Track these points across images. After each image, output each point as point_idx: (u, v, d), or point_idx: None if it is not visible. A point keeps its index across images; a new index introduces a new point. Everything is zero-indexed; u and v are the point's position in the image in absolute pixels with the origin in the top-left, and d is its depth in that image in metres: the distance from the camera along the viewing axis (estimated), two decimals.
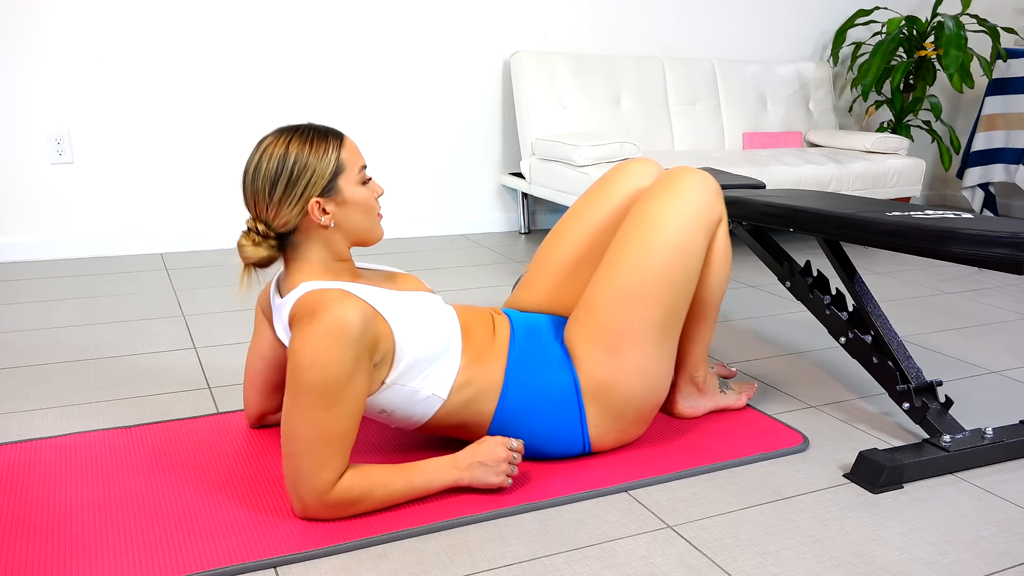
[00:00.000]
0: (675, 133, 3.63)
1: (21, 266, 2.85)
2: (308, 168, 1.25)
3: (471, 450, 1.32)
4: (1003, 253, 1.37)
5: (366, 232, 1.33)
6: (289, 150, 1.25)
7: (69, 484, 1.35)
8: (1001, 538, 1.26)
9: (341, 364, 1.18)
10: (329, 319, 1.18)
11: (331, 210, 1.28)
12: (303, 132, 1.28)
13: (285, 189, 1.25)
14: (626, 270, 1.38)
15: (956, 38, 3.57)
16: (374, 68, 3.26)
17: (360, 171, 1.31)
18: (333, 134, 1.29)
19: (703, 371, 1.62)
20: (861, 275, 2.26)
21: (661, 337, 1.40)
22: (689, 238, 1.39)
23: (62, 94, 2.86)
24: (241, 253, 1.29)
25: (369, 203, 1.32)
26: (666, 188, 1.42)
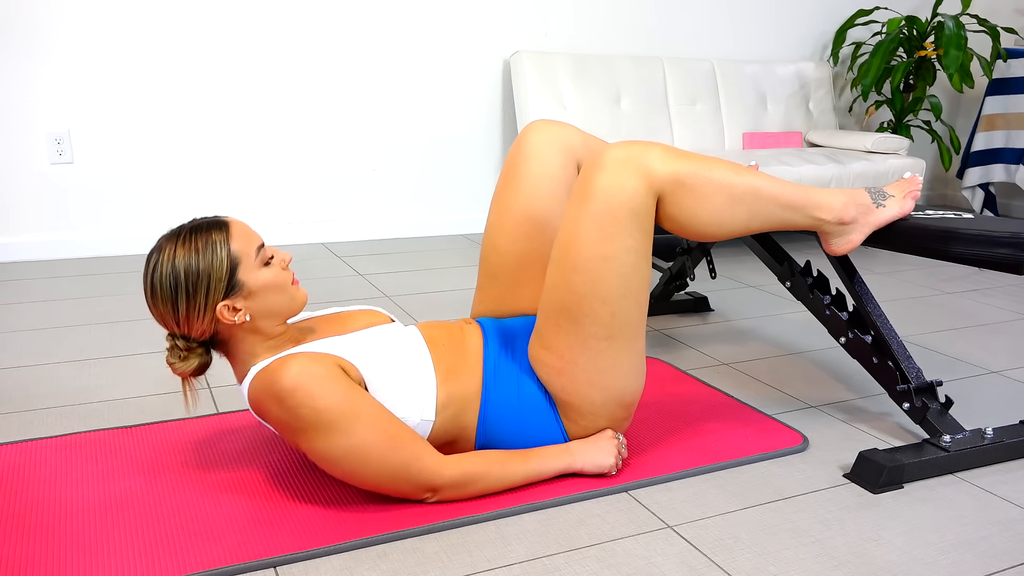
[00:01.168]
0: (675, 133, 3.63)
1: (21, 266, 2.85)
2: (202, 277, 1.21)
3: (582, 441, 1.39)
4: (1003, 253, 1.37)
5: (285, 310, 1.29)
6: (177, 264, 1.21)
7: (69, 484, 1.35)
8: (1001, 538, 1.26)
9: (341, 398, 1.19)
10: (291, 384, 1.17)
11: (242, 305, 1.24)
12: (186, 238, 1.23)
13: (187, 304, 1.22)
14: (555, 295, 1.31)
15: (956, 38, 3.57)
16: (374, 68, 3.26)
17: (258, 253, 1.26)
18: (217, 228, 1.24)
19: (825, 210, 1.39)
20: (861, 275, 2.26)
21: (609, 347, 1.32)
22: (610, 244, 1.26)
23: (62, 94, 2.86)
24: (173, 370, 1.28)
25: (278, 281, 1.27)
26: (576, 194, 1.30)
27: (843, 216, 1.42)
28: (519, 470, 1.33)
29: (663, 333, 2.22)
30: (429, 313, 2.35)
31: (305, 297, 1.33)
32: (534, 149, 1.48)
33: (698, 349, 2.09)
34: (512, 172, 1.50)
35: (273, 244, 3.25)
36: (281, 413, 1.20)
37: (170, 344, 1.28)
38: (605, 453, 1.37)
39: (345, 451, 1.20)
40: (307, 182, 3.26)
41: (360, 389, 1.23)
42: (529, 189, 1.47)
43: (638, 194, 1.27)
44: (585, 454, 1.37)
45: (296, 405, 1.18)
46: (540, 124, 1.50)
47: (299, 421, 1.19)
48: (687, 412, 1.68)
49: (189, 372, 1.28)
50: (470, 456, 1.31)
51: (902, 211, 1.47)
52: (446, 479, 1.27)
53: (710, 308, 2.46)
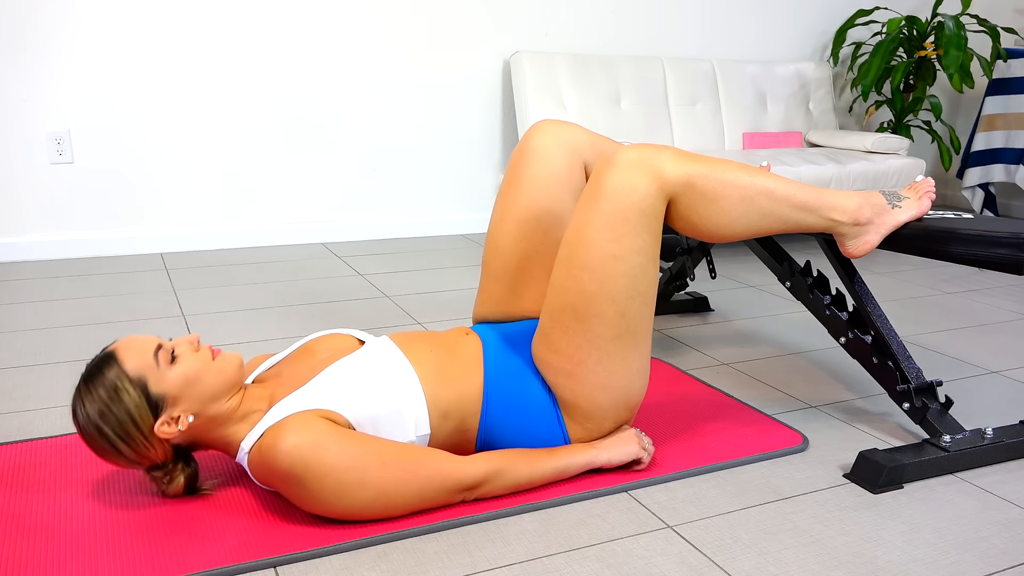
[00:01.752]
0: (675, 133, 3.63)
1: (21, 266, 2.85)
2: (122, 418, 1.19)
3: (607, 447, 1.39)
4: (1003, 253, 1.37)
5: (221, 386, 1.25)
6: (93, 420, 1.19)
7: (69, 484, 1.35)
8: (1001, 538, 1.26)
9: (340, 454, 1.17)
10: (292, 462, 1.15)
11: (178, 413, 1.22)
12: (86, 390, 1.20)
13: (129, 446, 1.20)
14: (562, 295, 1.31)
15: (956, 38, 3.57)
16: (374, 68, 3.26)
17: (159, 358, 1.21)
18: (106, 363, 1.20)
19: (840, 211, 1.39)
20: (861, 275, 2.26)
21: (617, 348, 1.32)
22: (619, 244, 1.27)
23: (62, 94, 2.86)
24: (168, 494, 1.29)
25: (196, 368, 1.22)
26: (586, 194, 1.30)
27: (858, 217, 1.41)
28: (546, 465, 1.34)
29: (663, 333, 2.22)
30: (429, 313, 2.35)
31: (236, 360, 1.27)
32: (539, 150, 1.47)
33: (698, 349, 2.09)
34: (516, 173, 1.48)
35: (273, 244, 3.25)
36: (290, 488, 1.19)
37: (149, 477, 1.27)
38: (628, 443, 1.40)
39: (369, 500, 1.20)
40: (307, 182, 3.26)
41: (354, 435, 1.21)
42: (533, 190, 1.46)
43: (649, 195, 1.27)
44: (609, 448, 1.38)
45: (300, 478, 1.16)
46: (545, 124, 1.49)
47: (309, 491, 1.17)
48: (687, 412, 1.68)
49: (183, 488, 1.28)
50: (491, 453, 1.32)
51: (919, 211, 1.46)
52: (477, 475, 1.28)
53: (710, 308, 2.47)
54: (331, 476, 1.17)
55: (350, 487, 1.18)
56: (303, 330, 2.18)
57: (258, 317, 2.29)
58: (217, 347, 1.29)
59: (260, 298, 2.49)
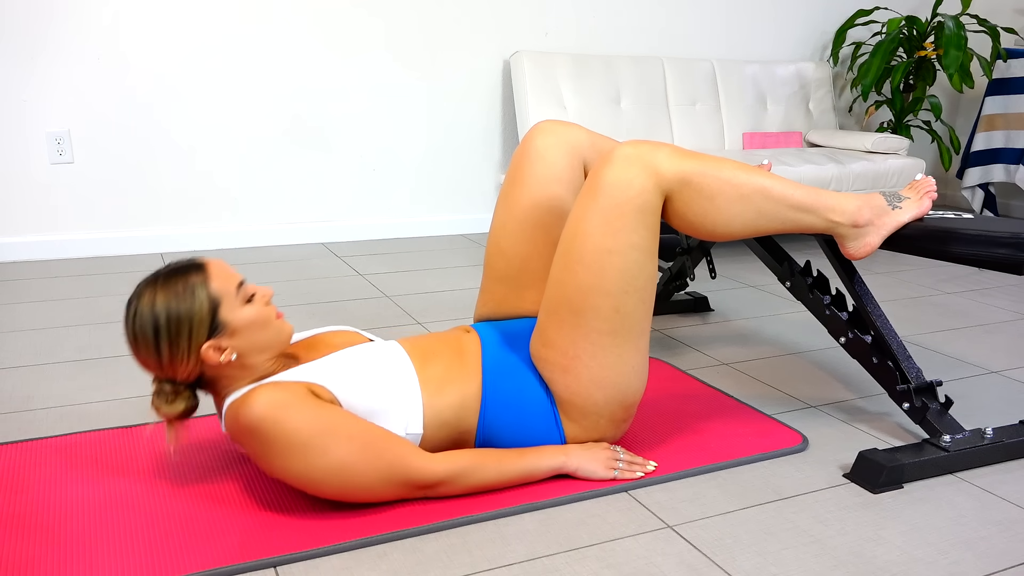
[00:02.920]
0: (675, 133, 3.63)
1: (21, 266, 2.85)
2: (183, 320, 1.19)
3: (581, 446, 1.39)
4: (1003, 253, 1.37)
5: (272, 345, 1.28)
6: (157, 308, 1.19)
7: (69, 484, 1.35)
8: (1001, 538, 1.26)
9: (311, 420, 1.18)
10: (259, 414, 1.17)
11: (227, 344, 1.23)
12: (164, 281, 1.21)
13: (171, 349, 1.20)
14: (559, 289, 1.32)
15: (956, 38, 3.57)
16: (374, 68, 3.26)
17: (239, 291, 1.24)
18: (194, 270, 1.22)
19: (839, 213, 1.39)
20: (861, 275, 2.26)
21: (612, 343, 1.32)
22: (615, 238, 1.27)
23: (62, 94, 2.86)
24: (159, 415, 1.26)
25: (262, 317, 1.26)
26: (585, 190, 1.31)
27: (857, 219, 1.41)
28: (514, 466, 1.33)
29: (663, 333, 2.22)
30: (429, 313, 2.35)
31: (291, 330, 1.31)
32: (540, 151, 1.47)
33: (698, 349, 2.09)
34: (517, 174, 1.49)
35: (273, 244, 3.25)
36: (255, 444, 1.19)
37: (156, 388, 1.26)
38: (599, 463, 1.37)
39: (327, 470, 1.20)
40: (307, 182, 3.26)
41: (330, 406, 1.22)
42: (535, 191, 1.47)
43: (645, 191, 1.28)
44: (580, 459, 1.37)
45: (266, 433, 1.17)
46: (546, 125, 1.50)
47: (272, 449, 1.18)
48: (687, 412, 1.68)
49: (175, 416, 1.26)
50: (461, 452, 1.31)
51: (920, 211, 1.46)
52: (439, 474, 1.27)
53: (710, 308, 2.47)
54: (295, 436, 1.17)
55: (312, 452, 1.18)
56: (303, 330, 2.18)
57: None
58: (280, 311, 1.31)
59: None
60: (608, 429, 1.41)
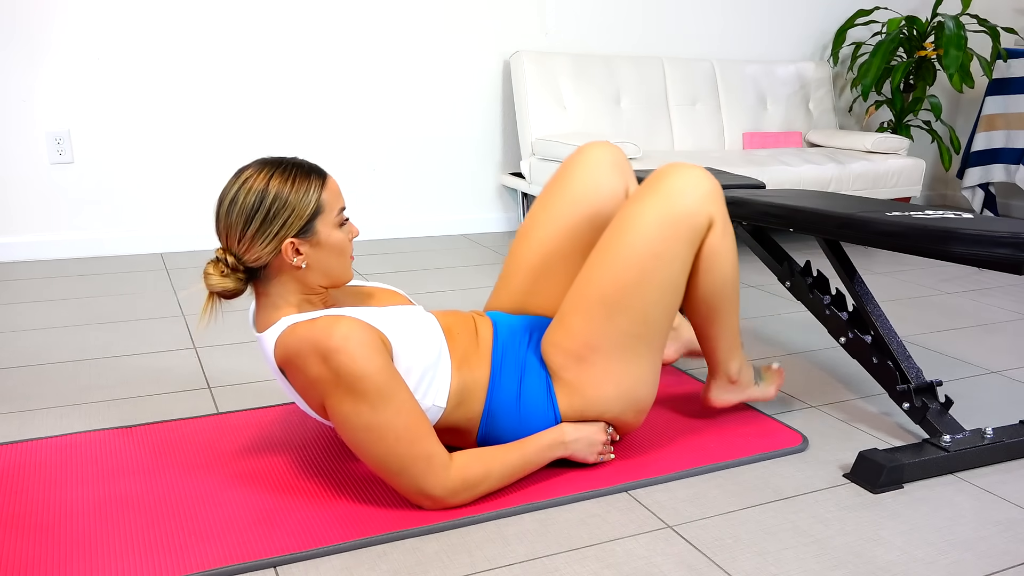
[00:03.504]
0: (675, 133, 3.63)
1: (21, 266, 2.85)
2: (287, 207, 1.22)
3: (575, 427, 1.38)
4: (1003, 253, 1.37)
5: (337, 275, 1.30)
6: (269, 186, 1.21)
7: (69, 484, 1.35)
8: (1001, 538, 1.26)
9: (379, 370, 1.19)
10: (339, 343, 1.18)
11: (305, 251, 1.25)
12: (286, 168, 1.24)
13: (260, 226, 1.22)
14: (596, 277, 1.34)
15: (956, 38, 3.57)
16: (374, 68, 3.26)
17: (339, 213, 1.28)
18: (316, 173, 1.26)
19: (736, 364, 1.56)
20: (861, 275, 2.26)
21: (635, 346, 1.35)
22: (666, 245, 1.32)
23: (62, 94, 2.86)
24: (206, 282, 1.25)
25: (344, 246, 1.29)
26: (647, 190, 1.35)
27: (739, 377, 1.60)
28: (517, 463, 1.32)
29: None
30: None
31: (352, 275, 1.35)
32: (595, 161, 1.53)
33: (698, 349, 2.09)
34: (567, 175, 1.54)
35: None
36: (320, 369, 1.19)
37: (218, 257, 1.26)
38: (591, 452, 1.40)
39: (367, 423, 1.20)
40: None
41: (396, 371, 1.23)
42: (579, 195, 1.51)
43: (703, 215, 1.35)
44: (576, 445, 1.38)
45: (338, 365, 1.18)
46: (603, 142, 1.56)
47: (336, 381, 1.19)
48: (687, 412, 1.68)
49: (219, 290, 1.27)
50: (473, 458, 1.28)
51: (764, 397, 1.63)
52: (450, 487, 1.25)
53: None
54: (364, 379, 1.18)
55: (367, 400, 1.19)
56: None
57: None
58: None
59: None
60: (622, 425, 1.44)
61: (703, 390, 1.63)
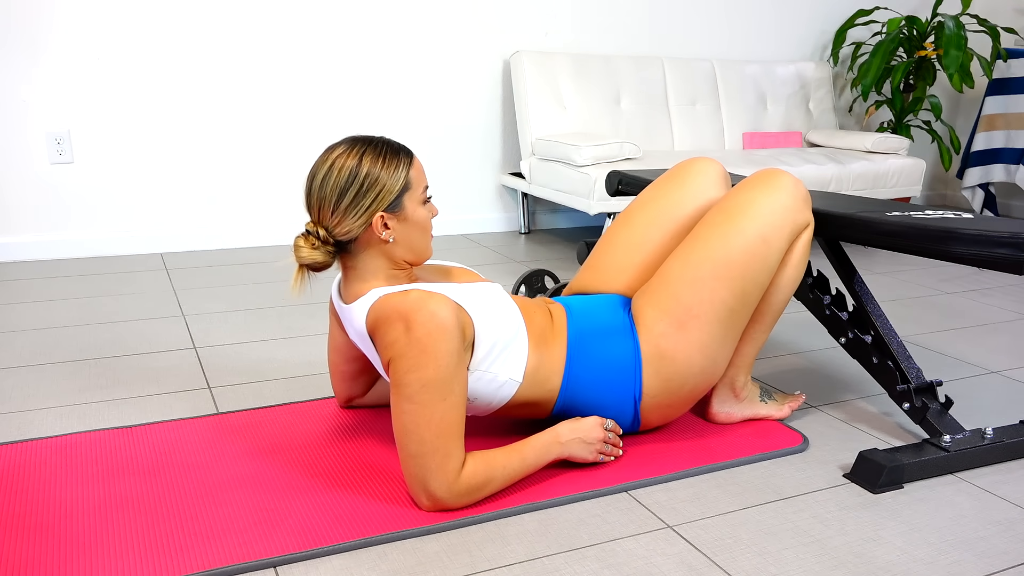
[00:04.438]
0: (675, 133, 3.63)
1: (21, 266, 2.85)
2: (379, 182, 1.28)
3: (571, 426, 1.39)
4: (1003, 253, 1.37)
5: (420, 250, 1.36)
6: (362, 162, 1.28)
7: (69, 484, 1.35)
8: (1001, 538, 1.26)
9: (448, 355, 1.23)
10: (425, 318, 1.22)
11: (393, 226, 1.31)
12: (376, 145, 1.30)
13: (353, 199, 1.27)
14: (706, 248, 1.42)
15: (956, 38, 3.58)
16: (374, 68, 3.26)
17: (423, 191, 1.34)
18: (404, 152, 1.32)
19: (743, 377, 1.60)
20: (861, 275, 2.26)
21: (729, 319, 1.43)
22: (773, 232, 1.42)
23: (62, 94, 2.86)
24: (296, 254, 1.31)
25: (427, 223, 1.35)
26: (759, 181, 1.45)
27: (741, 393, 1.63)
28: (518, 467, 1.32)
29: None
30: None
31: (432, 253, 1.40)
32: (706, 172, 1.61)
33: None
34: (675, 179, 1.62)
35: (274, 244, 3.25)
36: (399, 335, 1.23)
37: (309, 230, 1.31)
38: (589, 450, 1.40)
39: (412, 395, 1.23)
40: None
41: (463, 363, 1.26)
42: (687, 195, 1.59)
43: (805, 215, 1.47)
44: (572, 446, 1.39)
45: (418, 337, 1.22)
46: (709, 158, 1.65)
47: (408, 347, 1.22)
48: (687, 412, 1.68)
49: (309, 262, 1.31)
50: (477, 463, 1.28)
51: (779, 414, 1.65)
52: (458, 489, 1.25)
53: None
54: (432, 357, 1.21)
55: (422, 373, 1.22)
56: (303, 330, 2.18)
57: (258, 317, 2.29)
58: None
59: (260, 298, 2.49)
60: (678, 404, 1.48)
61: (704, 406, 1.64)
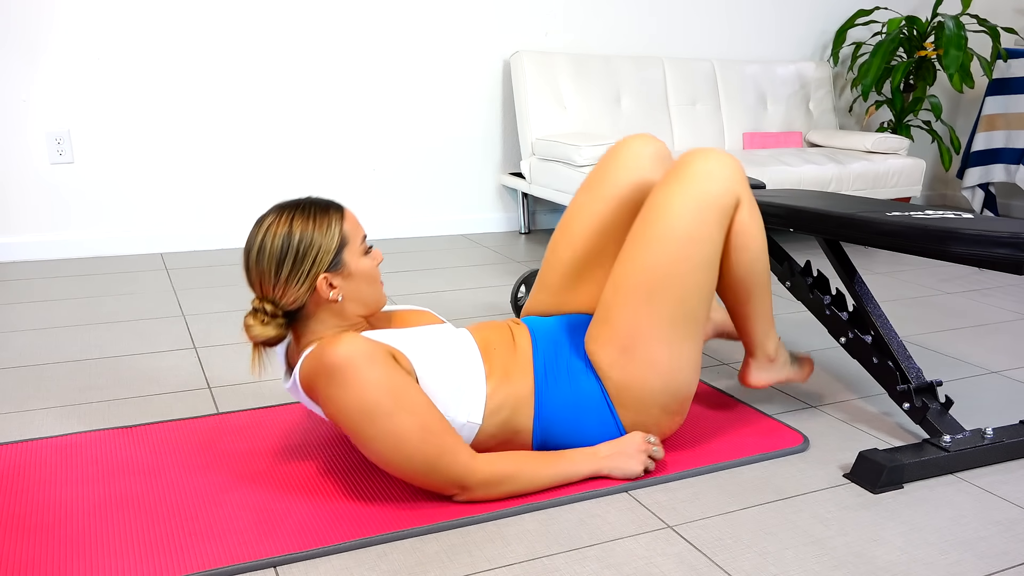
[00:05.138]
0: (675, 133, 3.63)
1: (21, 266, 2.85)
2: (313, 245, 1.25)
3: (611, 443, 1.39)
4: (1003, 253, 1.37)
5: (372, 301, 1.34)
6: (293, 228, 1.25)
7: (69, 484, 1.35)
8: (1001, 538, 1.26)
9: (384, 373, 1.20)
10: (345, 354, 1.19)
11: (339, 284, 1.29)
12: (304, 208, 1.28)
13: (292, 267, 1.25)
14: (633, 265, 1.35)
15: (956, 38, 3.57)
16: (374, 68, 3.26)
17: (362, 242, 1.32)
18: (334, 207, 1.30)
19: (772, 343, 1.56)
20: (861, 275, 2.26)
21: (675, 331, 1.35)
22: (699, 227, 1.33)
23: (62, 94, 2.86)
24: (249, 333, 1.28)
25: (373, 273, 1.33)
26: (674, 176, 1.36)
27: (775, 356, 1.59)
28: (548, 472, 1.33)
29: None
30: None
31: (386, 300, 1.37)
32: (636, 153, 1.52)
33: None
34: (605, 171, 1.53)
35: None
36: (328, 388, 1.20)
37: (257, 307, 1.28)
38: (632, 459, 1.37)
39: (383, 433, 1.21)
40: (307, 182, 3.26)
41: (406, 376, 1.23)
42: (620, 190, 1.51)
43: (731, 194, 1.36)
44: (613, 460, 1.37)
45: (344, 377, 1.19)
46: (642, 135, 1.56)
47: (344, 393, 1.19)
48: (689, 412, 1.68)
49: (262, 340, 1.28)
50: (503, 456, 1.31)
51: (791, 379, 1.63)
52: (478, 478, 1.27)
53: None
54: (369, 389, 1.19)
55: (378, 411, 1.20)
56: None
57: None
58: None
59: None
60: (662, 419, 1.41)
61: (741, 372, 1.61)
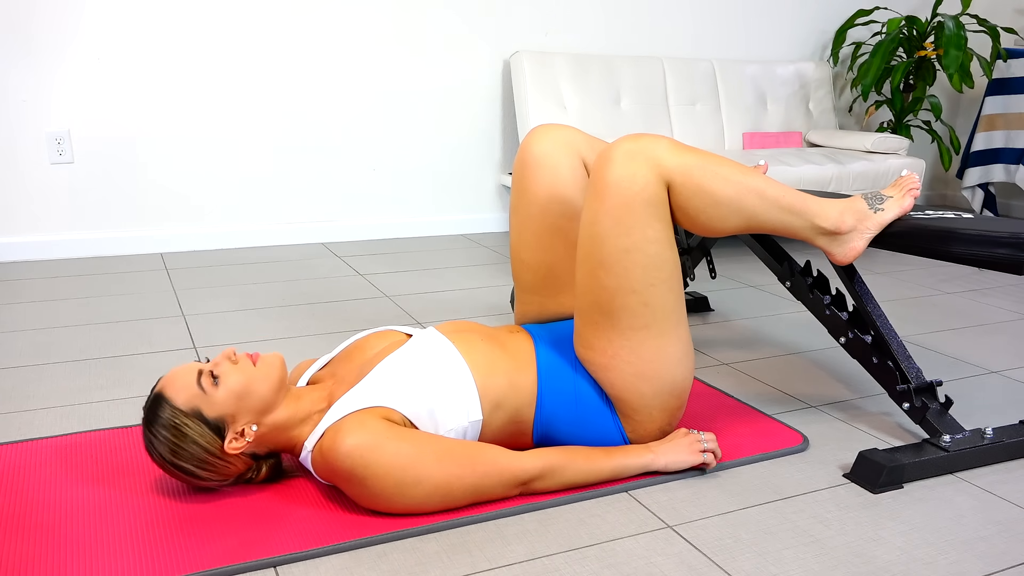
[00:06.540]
0: (675, 133, 3.63)
1: (21, 266, 2.85)
2: (193, 451, 1.23)
3: (662, 440, 1.41)
4: (1003, 253, 1.37)
5: (271, 389, 1.27)
6: (166, 459, 1.23)
7: (69, 484, 1.35)
8: (1001, 538, 1.26)
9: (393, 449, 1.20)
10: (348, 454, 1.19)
11: (240, 428, 1.26)
12: (150, 434, 1.23)
13: (210, 471, 1.26)
14: (585, 295, 1.33)
15: (956, 38, 3.57)
16: (374, 68, 3.26)
17: (203, 384, 1.24)
18: (158, 404, 1.23)
19: (829, 219, 1.40)
20: (861, 275, 2.26)
21: (649, 334, 1.32)
22: (629, 235, 1.27)
23: (62, 94, 2.86)
24: (255, 481, 1.34)
25: (242, 380, 1.25)
26: (591, 191, 1.30)
27: (840, 225, 1.42)
28: (604, 464, 1.34)
29: None
30: (430, 313, 2.35)
31: (278, 360, 1.30)
32: (539, 157, 1.48)
33: (698, 349, 2.09)
34: (522, 183, 1.49)
35: (273, 244, 3.25)
36: (352, 489, 1.22)
37: (238, 480, 1.32)
38: (686, 451, 1.39)
39: (426, 495, 1.23)
40: (307, 182, 3.26)
41: (411, 433, 1.23)
42: (543, 199, 1.47)
43: (650, 184, 1.28)
44: (667, 454, 1.38)
45: (361, 480, 1.20)
46: (540, 130, 1.50)
47: (369, 488, 1.21)
48: (688, 412, 1.68)
49: (266, 477, 1.34)
50: (549, 449, 1.33)
51: (902, 210, 1.47)
52: (531, 471, 1.29)
53: (710, 308, 2.46)
54: (389, 476, 1.20)
55: (407, 485, 1.21)
56: (303, 330, 2.18)
57: (258, 317, 2.29)
58: (254, 351, 1.30)
59: (260, 298, 2.49)
60: (663, 419, 1.40)
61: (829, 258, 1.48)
